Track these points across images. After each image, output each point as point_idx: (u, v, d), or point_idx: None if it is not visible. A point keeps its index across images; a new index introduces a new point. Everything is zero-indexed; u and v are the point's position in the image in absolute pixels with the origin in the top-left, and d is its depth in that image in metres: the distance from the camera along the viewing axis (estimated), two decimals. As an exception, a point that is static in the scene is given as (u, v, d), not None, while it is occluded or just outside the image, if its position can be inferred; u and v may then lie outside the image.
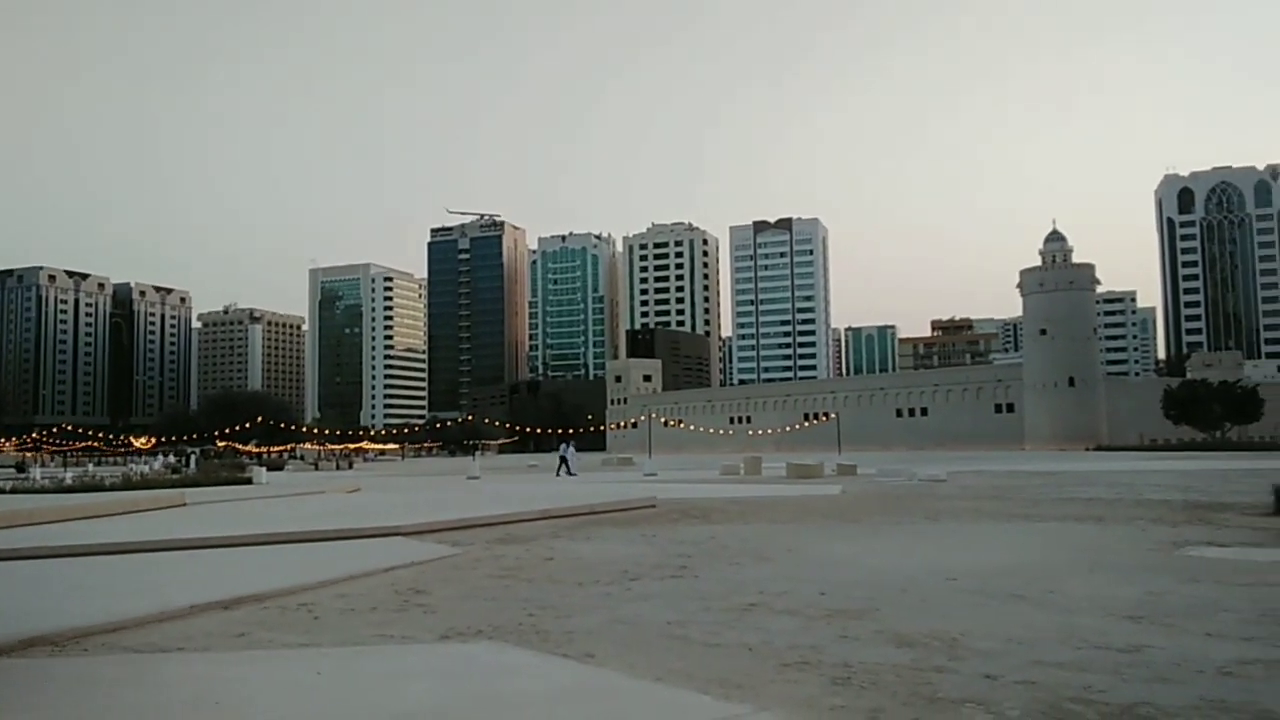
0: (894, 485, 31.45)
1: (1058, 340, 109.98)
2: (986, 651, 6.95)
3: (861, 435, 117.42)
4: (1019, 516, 18.80)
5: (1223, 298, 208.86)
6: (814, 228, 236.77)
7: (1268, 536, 14.25)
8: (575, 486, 32.90)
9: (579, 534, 16.17)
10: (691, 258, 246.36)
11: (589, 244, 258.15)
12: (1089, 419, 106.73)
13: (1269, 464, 42.93)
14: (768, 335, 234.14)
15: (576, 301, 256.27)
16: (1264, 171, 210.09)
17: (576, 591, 10.03)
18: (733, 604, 9.08)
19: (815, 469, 38.23)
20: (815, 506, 21.94)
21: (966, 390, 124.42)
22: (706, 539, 15.06)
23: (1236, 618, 8.07)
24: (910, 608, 8.80)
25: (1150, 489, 26.71)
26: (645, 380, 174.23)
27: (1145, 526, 16.21)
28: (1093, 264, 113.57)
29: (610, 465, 63.59)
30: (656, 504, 22.19)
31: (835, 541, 14.77)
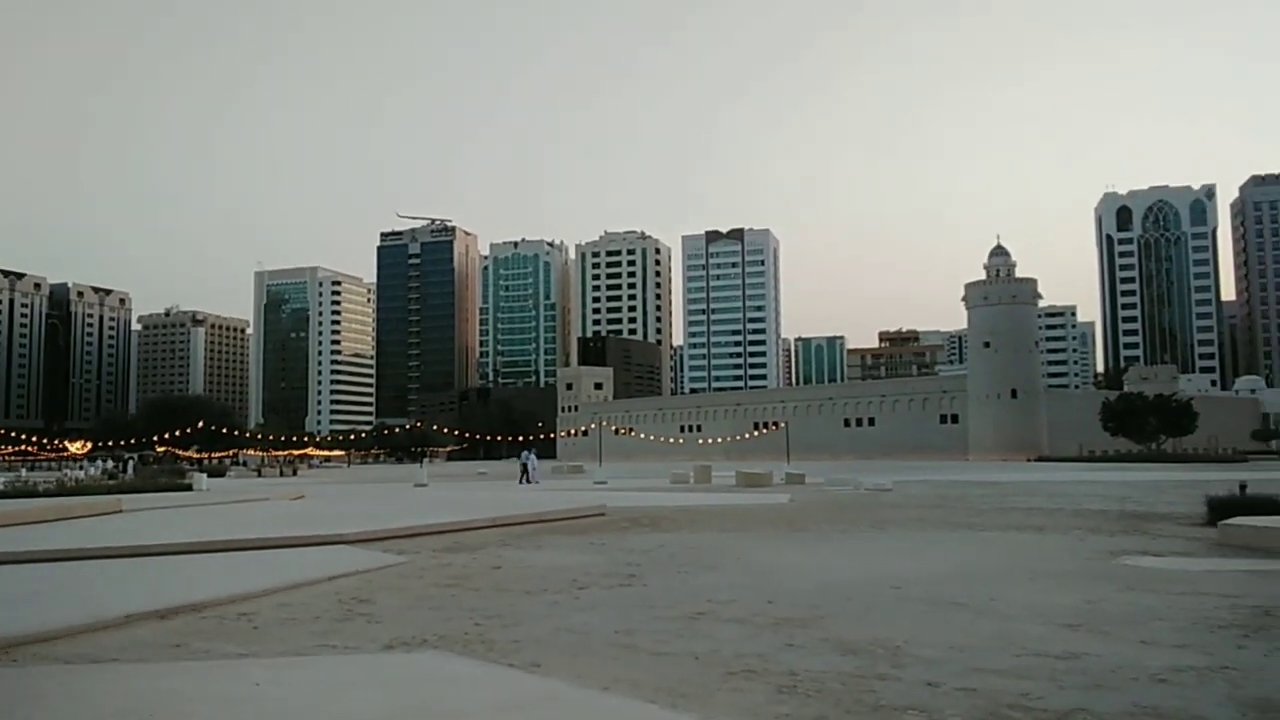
0: (841, 494, 31.79)
1: (1001, 353, 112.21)
2: (929, 659, 7.04)
3: (810, 444, 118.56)
4: (962, 525, 19.11)
5: (1159, 313, 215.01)
6: (765, 238, 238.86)
7: (1200, 546, 14.66)
8: (524, 494, 32.72)
9: (528, 542, 16.07)
10: (644, 266, 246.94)
11: (541, 251, 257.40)
12: (1030, 430, 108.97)
13: (1202, 475, 44.21)
14: (719, 344, 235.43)
15: (528, 308, 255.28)
16: (1199, 191, 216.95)
17: (524, 600, 9.97)
18: (681, 612, 9.09)
19: (764, 478, 38.49)
20: (764, 515, 22.08)
21: (913, 401, 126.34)
22: (656, 547, 15.07)
23: (1170, 626, 8.28)
24: (855, 616, 8.89)
25: (1088, 499, 27.33)
26: (596, 388, 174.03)
27: (1083, 536, 16.58)
28: (1035, 279, 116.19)
29: (560, 473, 63.43)
30: (606, 512, 22.16)
31: (783, 550, 14.87)
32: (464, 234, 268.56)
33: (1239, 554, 13.44)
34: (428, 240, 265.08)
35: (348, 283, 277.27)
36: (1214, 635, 7.84)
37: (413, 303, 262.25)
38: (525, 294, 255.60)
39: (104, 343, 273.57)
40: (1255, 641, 7.58)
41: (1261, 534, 14.09)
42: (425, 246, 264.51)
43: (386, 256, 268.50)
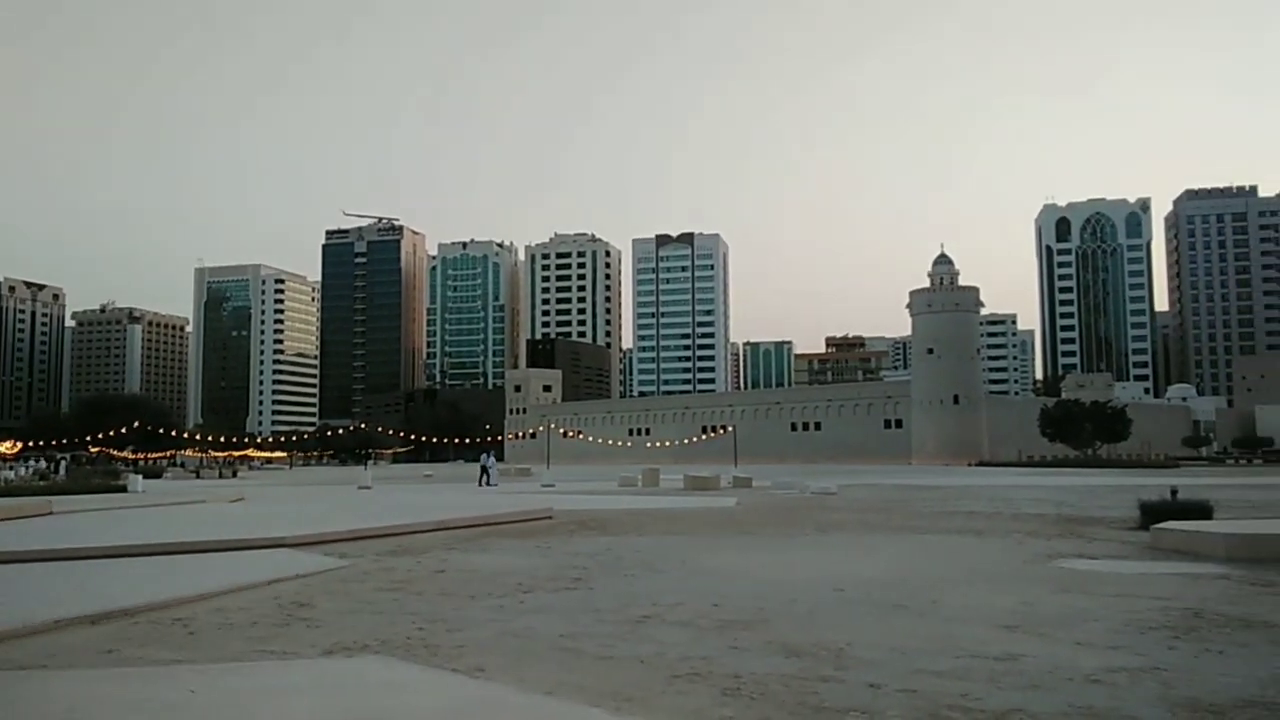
0: (787, 498, 32.06)
1: (944, 359, 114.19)
2: (871, 661, 7.13)
3: (758, 448, 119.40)
4: (905, 529, 19.39)
5: (1095, 322, 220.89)
6: (715, 243, 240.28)
7: (1133, 550, 15.06)
8: (470, 497, 32.46)
9: (473, 546, 15.94)
10: (594, 269, 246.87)
11: (490, 252, 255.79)
12: (972, 435, 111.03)
13: (1135, 481, 45.44)
14: (668, 348, 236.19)
15: (476, 310, 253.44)
16: (1135, 204, 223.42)
17: (468, 604, 9.87)
18: (626, 616, 9.08)
19: (712, 481, 38.68)
20: (711, 518, 22.18)
21: (858, 406, 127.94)
22: (602, 551, 15.05)
23: (1104, 627, 8.48)
24: (799, 618, 8.97)
25: (1027, 503, 27.92)
26: (545, 390, 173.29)
27: (1022, 539, 16.92)
28: (977, 287, 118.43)
29: (508, 475, 62.97)
30: (553, 515, 22.07)
31: (729, 553, 14.95)
32: (411, 233, 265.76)
33: (1170, 557, 13.83)
34: (374, 239, 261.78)
35: (292, 281, 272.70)
36: (1146, 637, 8.05)
37: (358, 302, 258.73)
38: (474, 295, 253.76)
39: (36, 339, 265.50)
40: (1185, 643, 7.79)
41: (1191, 538, 14.51)
42: (372, 245, 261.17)
43: (332, 255, 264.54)
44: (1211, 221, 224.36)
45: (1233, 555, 13.34)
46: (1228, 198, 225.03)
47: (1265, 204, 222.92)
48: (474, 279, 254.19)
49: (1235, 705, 5.87)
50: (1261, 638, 7.97)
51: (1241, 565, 12.62)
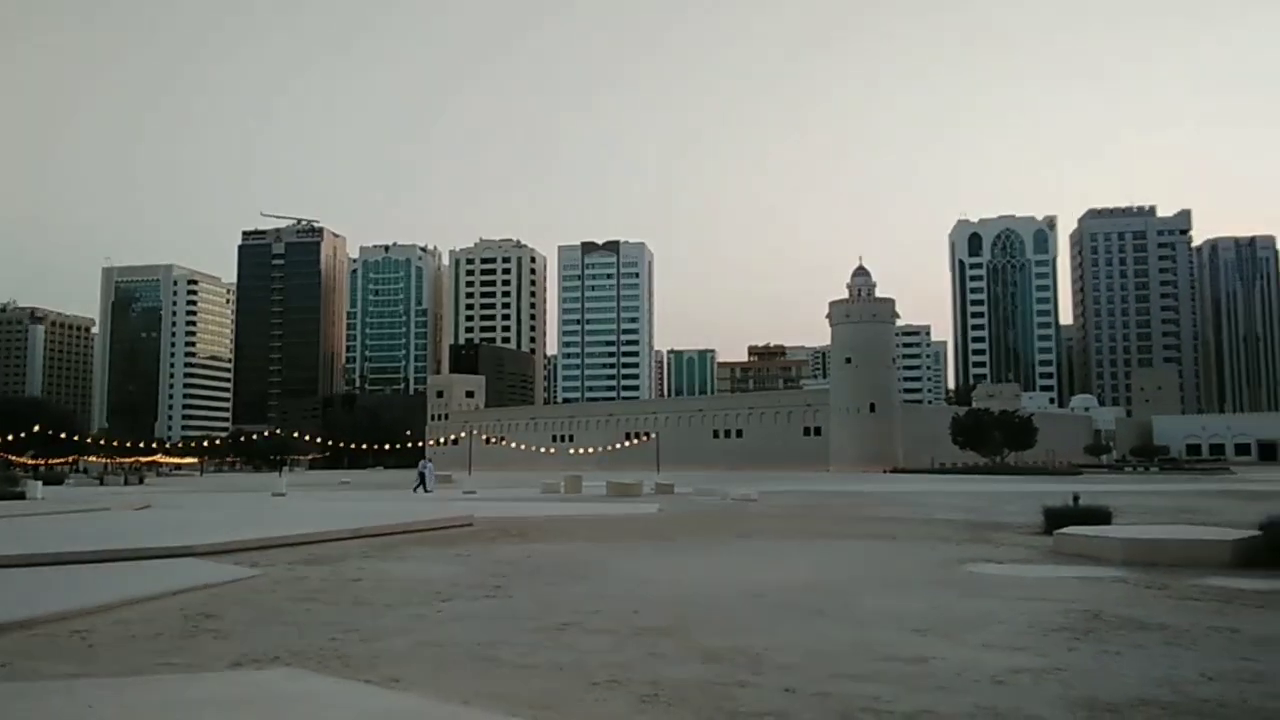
0: (709, 504, 32.31)
1: (861, 368, 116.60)
2: (787, 665, 7.23)
3: (681, 455, 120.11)
4: (822, 535, 19.73)
5: (1005, 334, 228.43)
6: (640, 251, 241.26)
7: (1038, 554, 15.59)
8: (388, 504, 31.90)
9: (390, 554, 15.67)
10: (519, 275, 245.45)
11: (414, 256, 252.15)
12: (887, 443, 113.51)
13: (1040, 487, 47.02)
14: (593, 355, 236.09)
15: (398, 314, 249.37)
16: (1042, 222, 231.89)
17: (384, 613, 9.71)
18: (546, 623, 9.04)
19: (635, 488, 38.77)
20: (633, 525, 22.22)
21: (779, 414, 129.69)
22: (523, 558, 14.95)
23: (1009, 629, 8.77)
24: (718, 624, 9.05)
25: (939, 509, 28.66)
26: (468, 396, 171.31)
27: (933, 544, 17.37)
28: (893, 299, 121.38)
29: (427, 483, 61.96)
30: (474, 522, 21.84)
31: (650, 560, 15.00)
32: (332, 235, 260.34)
33: (1072, 561, 14.36)
34: (293, 240, 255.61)
35: (205, 282, 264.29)
36: (1048, 638, 8.34)
37: (275, 305, 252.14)
38: (396, 299, 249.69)
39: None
40: (1085, 644, 8.11)
41: (1092, 542, 15.10)
42: (290, 247, 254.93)
43: (248, 256, 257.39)
44: (1113, 239, 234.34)
45: (1130, 559, 13.91)
46: (1128, 217, 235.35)
47: (1163, 223, 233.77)
48: (396, 283, 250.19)
49: (1130, 704, 6.12)
50: (1155, 639, 8.33)
51: (1138, 568, 13.17)
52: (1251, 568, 13.08)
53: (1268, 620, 9.24)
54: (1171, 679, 6.79)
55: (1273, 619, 9.33)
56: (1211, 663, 7.31)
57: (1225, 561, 13.43)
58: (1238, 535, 14.53)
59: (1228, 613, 9.66)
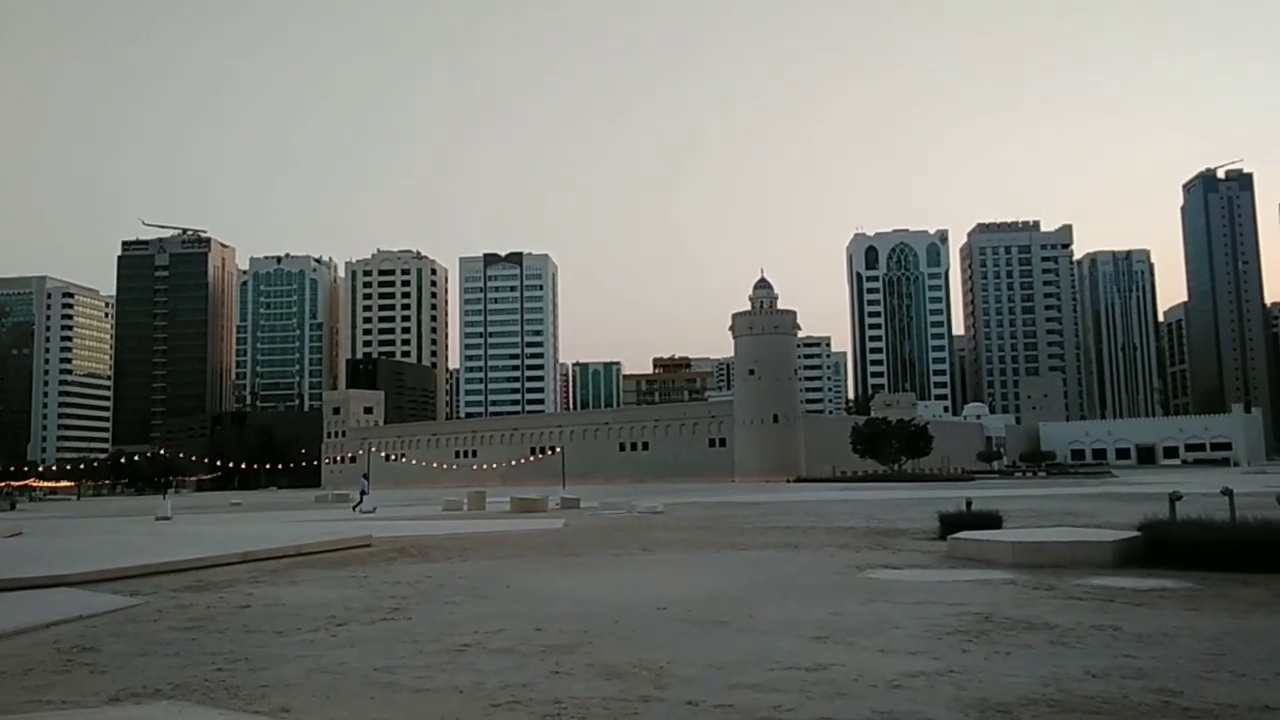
0: (615, 518, 32.24)
1: (764, 380, 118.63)
2: (690, 678, 7.22)
3: (586, 469, 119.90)
4: (726, 546, 19.88)
5: (901, 345, 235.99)
6: (544, 263, 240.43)
7: (933, 559, 16.03)
8: (280, 527, 30.81)
9: (282, 578, 15.09)
10: (419, 287, 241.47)
11: (307, 267, 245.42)
12: (790, 453, 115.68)
13: (935, 493, 48.56)
14: (496, 368, 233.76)
15: (292, 328, 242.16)
16: (934, 236, 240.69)
17: (275, 641, 9.31)
18: (446, 645, 8.83)
19: (539, 503, 38.40)
20: (537, 541, 21.99)
21: (684, 425, 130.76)
22: (423, 578, 14.60)
23: (906, 634, 8.96)
24: (622, 639, 8.98)
25: (839, 517, 29.26)
26: (366, 412, 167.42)
27: (833, 552, 17.68)
28: (795, 311, 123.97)
29: (324, 502, 60.26)
30: (372, 543, 21.27)
31: (554, 576, 14.84)
32: (220, 246, 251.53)
33: (965, 565, 14.81)
34: (178, 251, 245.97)
35: (82, 295, 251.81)
36: (942, 641, 8.55)
37: (159, 319, 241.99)
38: (289, 312, 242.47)
39: None
40: (977, 646, 8.33)
41: (983, 546, 15.61)
42: (175, 258, 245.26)
43: (129, 268, 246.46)
44: (1001, 253, 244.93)
45: (1019, 561, 14.42)
46: (1014, 231, 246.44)
47: (1046, 238, 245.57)
48: (289, 295, 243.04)
49: (1020, 703, 6.31)
50: (1043, 638, 8.62)
51: (1026, 570, 13.67)
52: (1131, 567, 13.72)
53: (1147, 618, 9.68)
54: (1058, 677, 7.02)
55: (1151, 616, 9.78)
56: (1095, 660, 7.59)
57: (1107, 562, 14.05)
58: (1118, 536, 15.22)
59: (1110, 611, 10.09)
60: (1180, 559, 13.35)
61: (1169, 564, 13.41)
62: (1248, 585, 11.65)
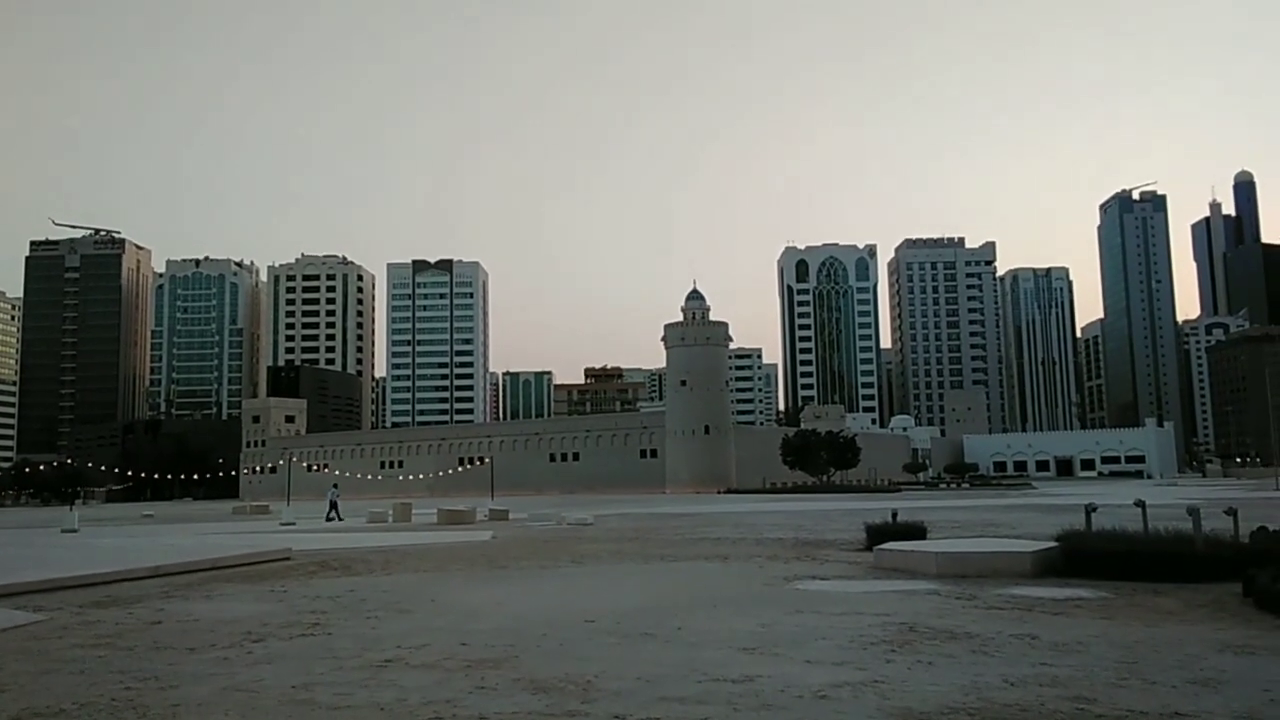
0: (544, 530, 31.99)
1: (696, 391, 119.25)
2: (617, 691, 7.15)
3: (516, 480, 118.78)
4: (656, 557, 19.85)
5: (830, 357, 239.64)
6: (475, 271, 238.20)
7: (859, 570, 16.23)
8: (195, 540, 29.82)
9: (196, 592, 14.58)
10: (345, 293, 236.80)
11: (228, 271, 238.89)
12: (721, 464, 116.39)
13: (863, 504, 49.32)
14: (424, 377, 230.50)
15: (210, 334, 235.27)
16: (863, 250, 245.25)
17: (187, 658, 8.97)
18: (367, 661, 8.61)
19: (467, 515, 37.87)
20: (464, 553, 21.67)
21: (615, 436, 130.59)
22: (344, 592, 14.25)
23: (832, 644, 9.02)
24: (549, 652, 8.87)
25: (768, 528, 29.49)
26: (288, 421, 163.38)
27: (762, 564, 17.79)
28: (726, 323, 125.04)
29: (242, 514, 58.55)
30: (292, 556, 20.72)
31: (481, 589, 14.62)
32: (135, 248, 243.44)
33: (891, 575, 15.02)
34: (90, 253, 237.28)
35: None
36: (867, 651, 8.63)
37: (69, 322, 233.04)
38: (207, 317, 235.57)
39: None
40: (901, 655, 8.43)
41: (908, 557, 15.86)
42: (86, 260, 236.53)
43: (37, 269, 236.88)
44: (927, 269, 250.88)
45: (942, 572, 14.69)
46: (940, 248, 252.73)
47: (971, 254, 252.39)
48: (208, 300, 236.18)
49: (940, 711, 6.39)
50: (964, 648, 8.77)
51: (949, 580, 13.92)
52: (1049, 577, 14.08)
53: (1063, 627, 9.92)
54: (977, 686, 7.14)
55: (1067, 625, 10.02)
56: (1013, 669, 7.74)
57: (1026, 572, 14.39)
58: (1037, 547, 15.61)
59: (1028, 620, 10.32)
60: (1096, 569, 13.74)
61: (1085, 574, 13.79)
62: (1159, 595, 12.04)
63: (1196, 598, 11.64)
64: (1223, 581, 12.49)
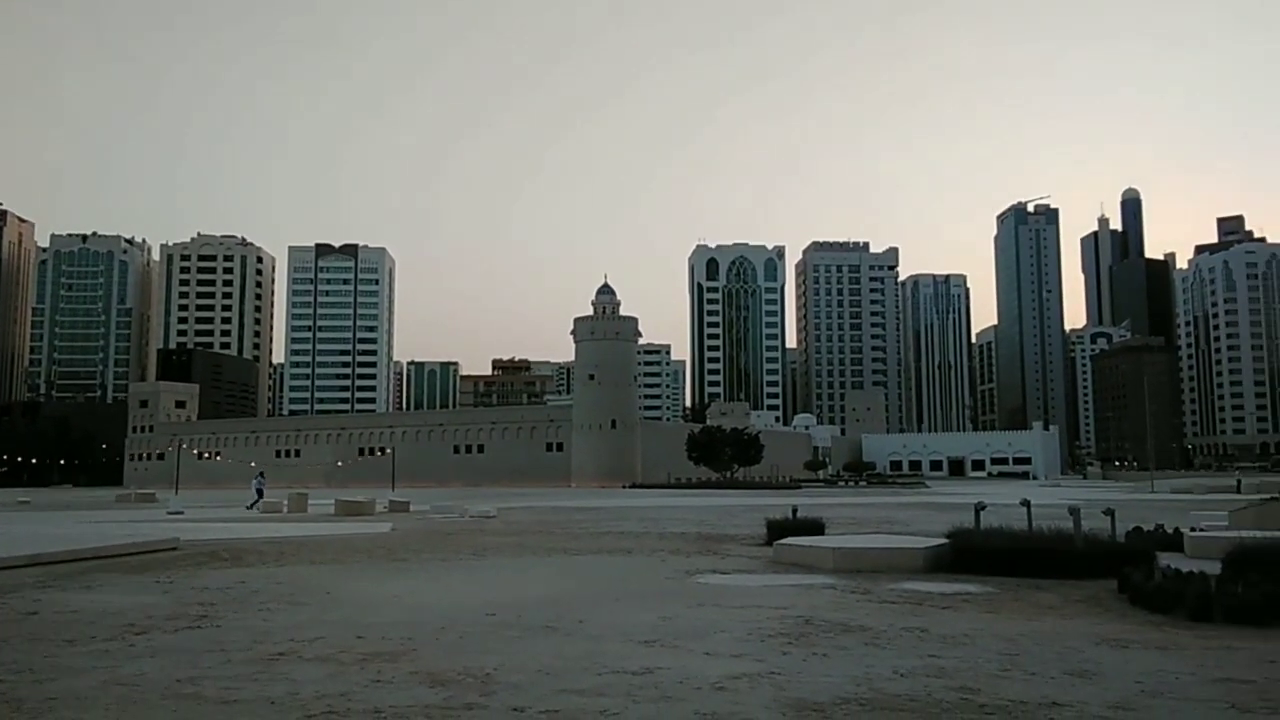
0: (446, 522, 31.58)
1: (604, 385, 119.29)
2: (517, 684, 7.11)
3: (418, 471, 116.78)
4: (559, 550, 19.81)
5: (738, 355, 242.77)
6: (380, 257, 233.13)
7: (759, 564, 16.52)
8: (75, 528, 28.48)
9: (76, 583, 13.92)
10: (243, 275, 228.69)
11: (117, 248, 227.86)
12: (627, 458, 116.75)
13: (765, 500, 50.19)
14: (325, 364, 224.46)
15: (96, 313, 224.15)
16: (772, 251, 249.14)
17: (65, 651, 8.56)
18: (257, 654, 8.36)
19: (366, 506, 37.12)
20: (362, 545, 21.24)
21: (521, 429, 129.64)
22: (234, 584, 13.80)
23: (730, 637, 9.16)
24: (448, 646, 8.77)
25: (672, 523, 29.74)
26: (178, 407, 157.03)
27: (665, 557, 17.94)
28: (636, 317, 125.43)
29: (126, 502, 56.09)
30: (179, 546, 19.97)
31: (379, 581, 14.35)
32: (17, 220, 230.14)
33: (790, 570, 15.34)
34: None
35: None
36: (764, 644, 8.79)
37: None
38: (94, 296, 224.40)
39: None
40: (797, 648, 8.62)
41: (807, 552, 16.22)
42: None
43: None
44: (833, 271, 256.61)
45: (839, 566, 15.07)
46: (846, 251, 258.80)
47: (874, 258, 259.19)
48: (95, 278, 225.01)
49: (833, 703, 6.55)
50: (858, 640, 9.02)
51: (845, 575, 14.29)
52: (940, 572, 14.59)
53: (951, 620, 10.29)
54: (869, 677, 7.35)
55: (955, 619, 10.40)
56: (903, 661, 8.00)
57: (918, 567, 14.88)
58: (929, 544, 16.15)
59: (919, 614, 10.67)
60: (983, 565, 14.30)
61: (973, 570, 14.33)
62: (1041, 590, 12.59)
63: (1075, 593, 12.22)
64: (1100, 578, 13.14)
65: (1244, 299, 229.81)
